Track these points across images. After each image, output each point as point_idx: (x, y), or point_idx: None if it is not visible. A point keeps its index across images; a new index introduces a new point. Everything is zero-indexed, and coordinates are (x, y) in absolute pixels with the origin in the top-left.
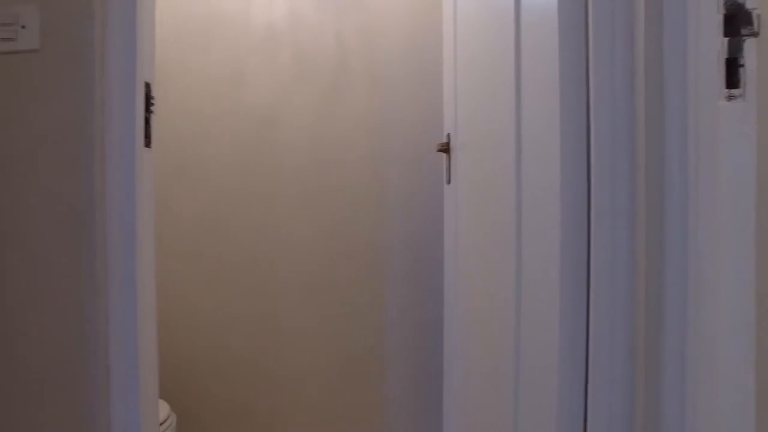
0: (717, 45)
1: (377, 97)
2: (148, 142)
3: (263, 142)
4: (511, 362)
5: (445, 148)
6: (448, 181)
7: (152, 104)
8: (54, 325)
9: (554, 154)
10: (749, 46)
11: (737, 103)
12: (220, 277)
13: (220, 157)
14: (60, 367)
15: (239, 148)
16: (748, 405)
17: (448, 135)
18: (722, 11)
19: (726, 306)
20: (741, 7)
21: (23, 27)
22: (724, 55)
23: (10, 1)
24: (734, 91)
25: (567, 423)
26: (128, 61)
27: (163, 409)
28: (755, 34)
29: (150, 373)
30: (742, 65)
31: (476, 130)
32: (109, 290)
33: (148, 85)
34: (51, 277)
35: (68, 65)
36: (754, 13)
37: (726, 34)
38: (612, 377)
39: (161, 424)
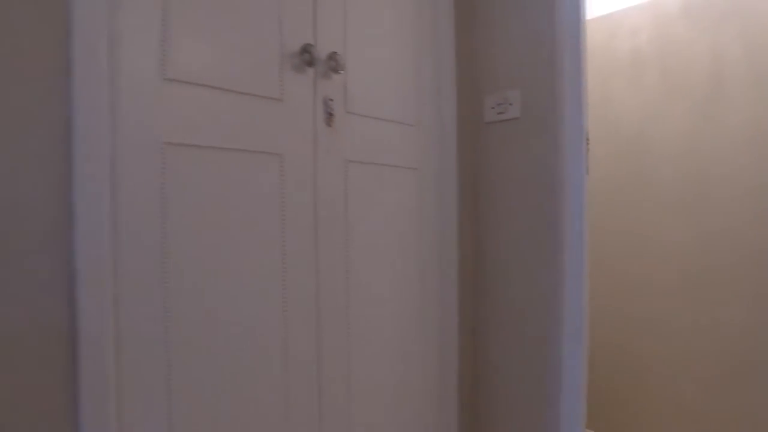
0: None
1: (761, 105)
2: (587, 170)
3: (633, 157)
4: None
5: None
6: None
7: (588, 142)
8: (531, 292)
9: None
10: None
11: None
12: (601, 278)
13: (595, 171)
14: (534, 324)
15: (610, 163)
16: None
17: None
18: None
19: None
20: None
21: (510, 104)
22: None
23: (504, 89)
24: None
25: None
26: (576, 117)
27: None
28: None
29: (585, 331)
30: None
31: None
32: (566, 272)
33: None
34: (532, 260)
35: (538, 125)
36: None
37: None
38: None
39: None
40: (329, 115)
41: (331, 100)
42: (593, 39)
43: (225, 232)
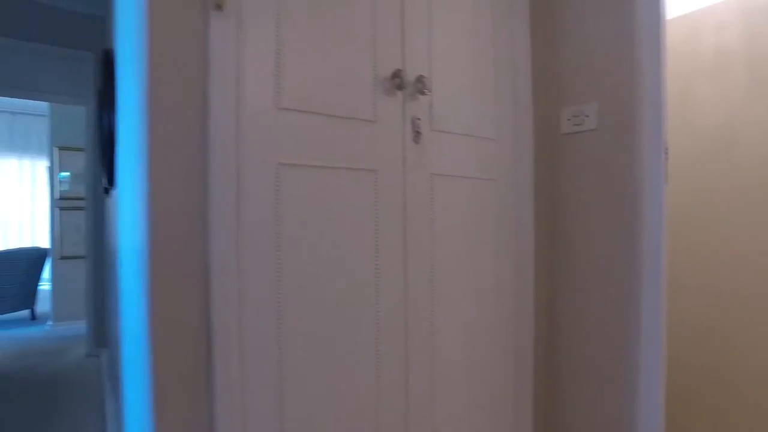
0: None
1: None
2: (665, 180)
3: (717, 159)
4: None
5: None
6: None
7: (666, 152)
8: (607, 302)
9: None
10: None
11: None
12: (680, 286)
13: (674, 180)
14: (611, 332)
15: (691, 165)
16: None
17: None
18: None
19: None
20: None
21: (587, 116)
22: None
23: (580, 101)
24: None
25: None
26: (655, 128)
27: None
28: None
29: (663, 341)
30: None
31: None
32: (644, 283)
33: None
34: (608, 270)
35: (616, 136)
36: None
37: None
38: None
39: None
40: (417, 133)
41: (418, 119)
42: (672, 40)
43: (329, 239)
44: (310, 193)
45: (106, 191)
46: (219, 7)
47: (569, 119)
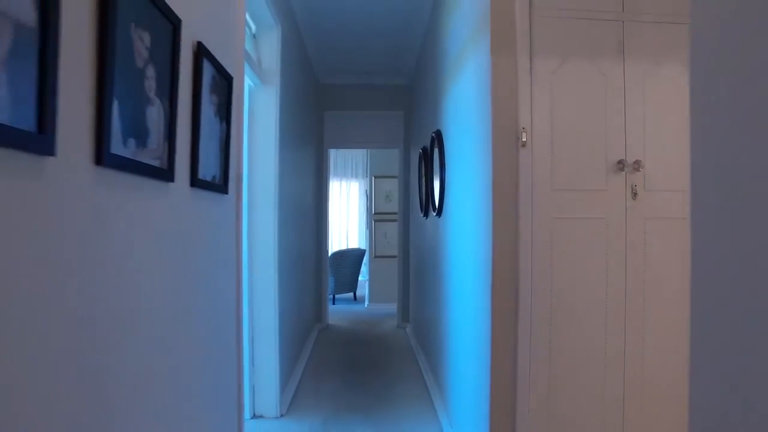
0: None
1: None
2: None
3: None
4: None
5: None
6: None
7: None
8: None
9: None
10: None
11: None
12: None
13: None
14: None
15: None
16: None
17: None
18: None
19: None
20: None
21: None
22: None
23: None
24: None
25: None
26: None
27: None
28: None
29: None
30: None
31: None
32: None
33: None
34: None
35: None
36: None
37: None
38: None
39: None
40: (634, 194)
41: (635, 185)
42: None
43: (576, 260)
44: (567, 231)
45: (425, 215)
46: (523, 145)
47: None
